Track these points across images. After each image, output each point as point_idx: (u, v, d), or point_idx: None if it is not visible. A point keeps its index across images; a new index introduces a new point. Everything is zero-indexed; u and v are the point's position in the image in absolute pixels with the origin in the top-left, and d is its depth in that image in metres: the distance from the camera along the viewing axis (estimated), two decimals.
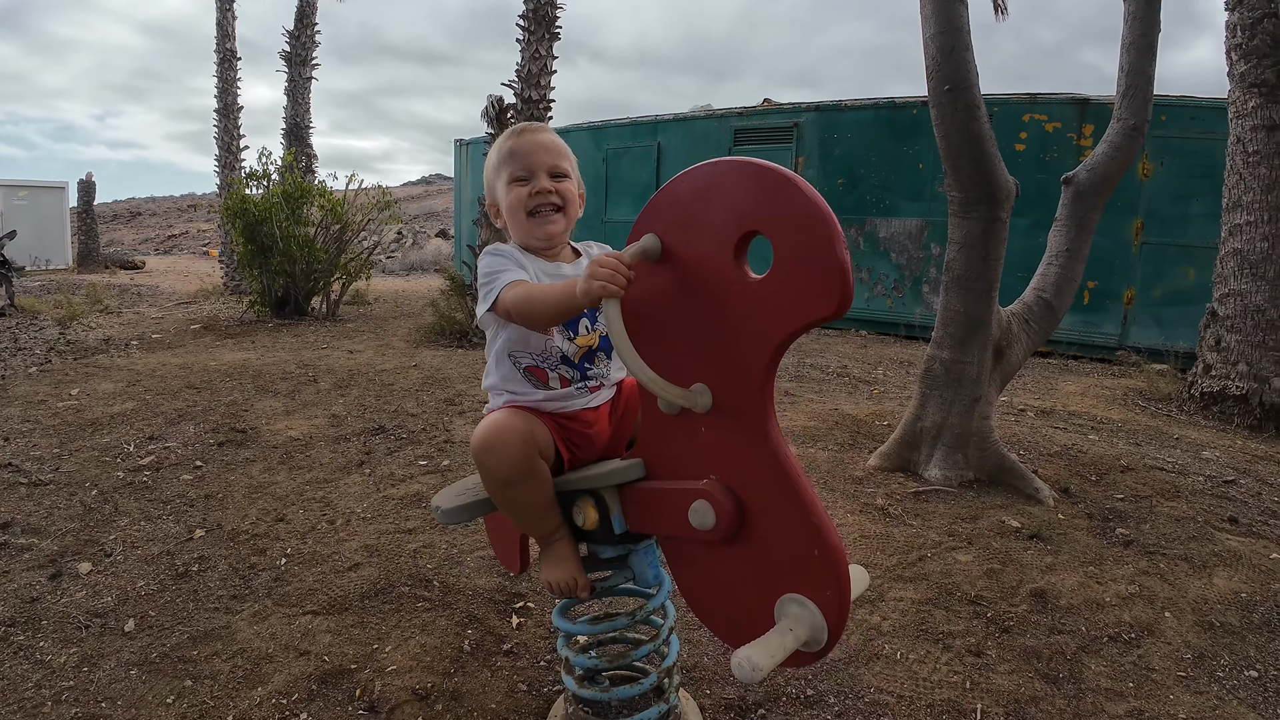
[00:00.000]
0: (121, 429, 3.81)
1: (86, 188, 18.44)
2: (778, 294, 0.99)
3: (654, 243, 1.12)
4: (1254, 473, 3.72)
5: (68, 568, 2.39)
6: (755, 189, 1.00)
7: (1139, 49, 3.41)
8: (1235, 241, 5.18)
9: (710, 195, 1.05)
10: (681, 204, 1.09)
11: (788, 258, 0.97)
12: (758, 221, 1.00)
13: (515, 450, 1.30)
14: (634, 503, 1.29)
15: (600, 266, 1.10)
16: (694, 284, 1.09)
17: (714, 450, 1.13)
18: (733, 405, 1.09)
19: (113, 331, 7.22)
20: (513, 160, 1.44)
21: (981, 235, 3.08)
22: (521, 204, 1.43)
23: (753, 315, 1.03)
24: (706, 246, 1.06)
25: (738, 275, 1.04)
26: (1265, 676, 2.01)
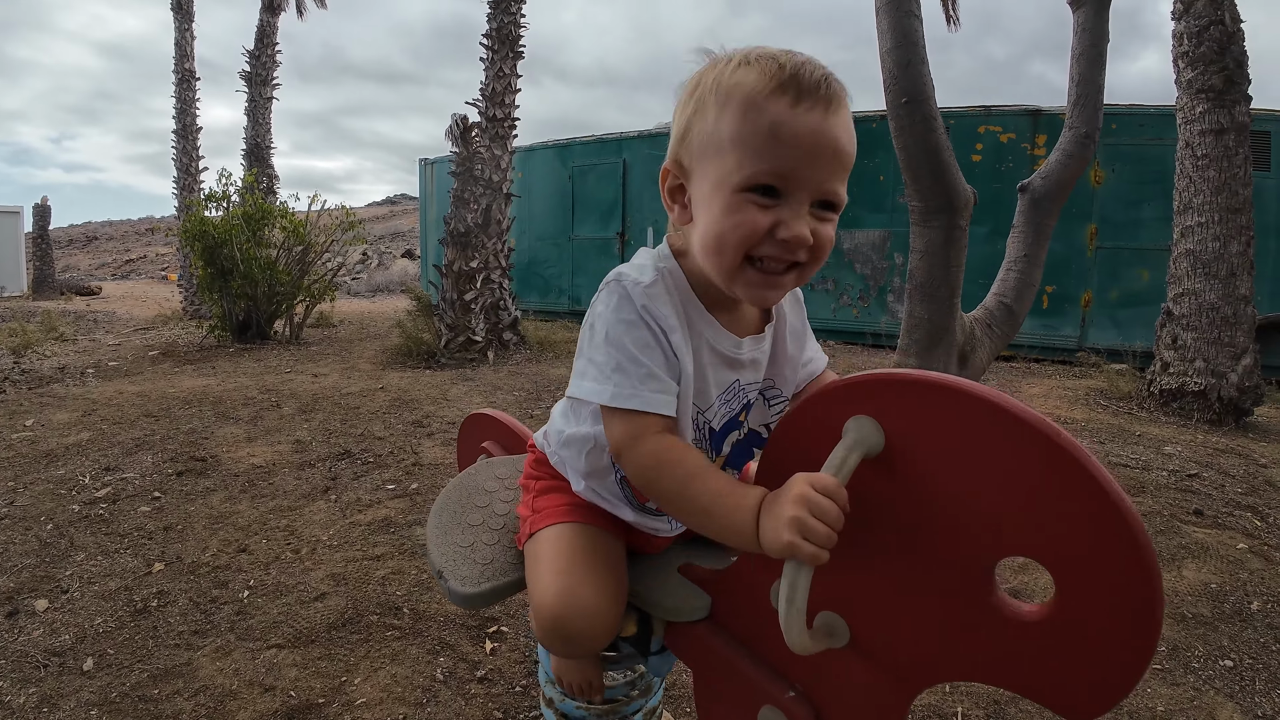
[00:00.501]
0: (77, 460, 3.69)
1: (42, 212, 18.01)
2: (1036, 656, 0.68)
3: (876, 438, 0.75)
4: (1216, 465, 3.81)
5: (24, 605, 2.30)
6: (1048, 492, 0.64)
7: (1088, 59, 3.51)
8: (1187, 242, 5.34)
9: (976, 454, 0.68)
10: (931, 422, 0.72)
11: (1076, 625, 0.65)
12: (1034, 548, 0.67)
13: (594, 644, 0.99)
14: (683, 639, 1.06)
15: (816, 511, 0.70)
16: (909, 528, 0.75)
17: (809, 661, 0.87)
18: (871, 653, 0.82)
19: (68, 360, 7.02)
20: (770, 148, 0.80)
21: (942, 243, 3.13)
22: (745, 238, 0.83)
23: (997, 647, 0.71)
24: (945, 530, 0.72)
25: (985, 599, 0.71)
26: (1240, 665, 2.04)
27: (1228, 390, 5.05)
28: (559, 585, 0.98)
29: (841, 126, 0.82)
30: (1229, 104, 5.19)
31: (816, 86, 0.80)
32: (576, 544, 1.03)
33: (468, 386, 5.65)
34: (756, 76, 0.80)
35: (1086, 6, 3.49)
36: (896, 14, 3.02)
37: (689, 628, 1.05)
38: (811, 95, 0.80)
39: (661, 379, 0.88)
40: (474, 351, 7.20)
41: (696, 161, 0.86)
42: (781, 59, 0.81)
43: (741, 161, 0.80)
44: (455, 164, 7.54)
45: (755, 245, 0.83)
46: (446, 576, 1.13)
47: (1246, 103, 5.25)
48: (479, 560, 1.17)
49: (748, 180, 0.80)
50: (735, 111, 0.81)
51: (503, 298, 7.69)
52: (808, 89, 0.79)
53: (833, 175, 0.83)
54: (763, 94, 0.79)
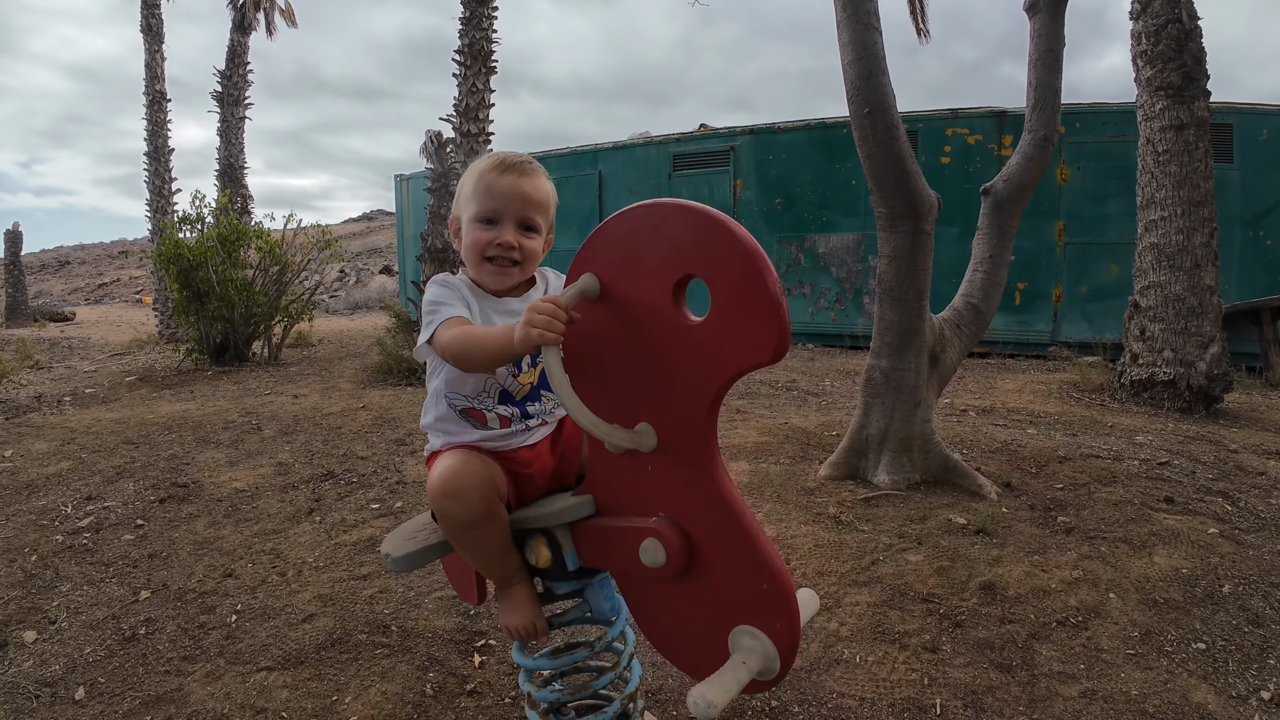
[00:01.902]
0: (58, 490, 3.66)
1: (13, 238, 17.78)
2: (716, 339, 0.99)
3: (593, 283, 1.10)
4: (1187, 453, 3.90)
5: (13, 637, 2.30)
6: (692, 232, 1.00)
7: (1045, 64, 3.60)
8: (1152, 236, 5.47)
9: (649, 236, 1.05)
10: (620, 244, 1.09)
11: (725, 303, 0.97)
12: (695, 265, 1.00)
13: (476, 495, 1.26)
14: (586, 540, 1.29)
15: (537, 313, 1.06)
16: (634, 325, 1.09)
17: (662, 488, 1.13)
18: (678, 444, 1.09)
19: (44, 388, 6.94)
20: (486, 198, 1.37)
21: (909, 248, 3.20)
22: (480, 248, 1.37)
23: (693, 358, 1.03)
24: (645, 288, 1.06)
25: (677, 317, 1.04)
26: (1213, 648, 2.10)
27: (1196, 379, 5.16)
28: (447, 467, 1.30)
29: (528, 183, 1.38)
30: (1188, 100, 5.32)
31: (516, 164, 1.39)
32: (455, 451, 1.36)
33: None
34: (486, 162, 1.40)
35: (1042, 12, 3.58)
36: (857, 27, 3.09)
37: (585, 529, 1.28)
38: (512, 168, 1.38)
39: (454, 305, 1.33)
40: None
41: (461, 210, 1.43)
42: (501, 153, 1.42)
43: (476, 205, 1.38)
44: (431, 180, 7.56)
45: (484, 250, 1.38)
46: (387, 550, 1.41)
47: (1206, 98, 5.39)
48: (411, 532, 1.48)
49: (478, 214, 1.38)
50: (471, 180, 1.40)
51: None
52: (509, 165, 1.38)
53: (527, 209, 1.38)
54: (485, 169, 1.38)
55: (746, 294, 0.94)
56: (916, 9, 11.61)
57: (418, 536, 1.44)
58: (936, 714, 1.83)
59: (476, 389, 1.40)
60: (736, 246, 0.95)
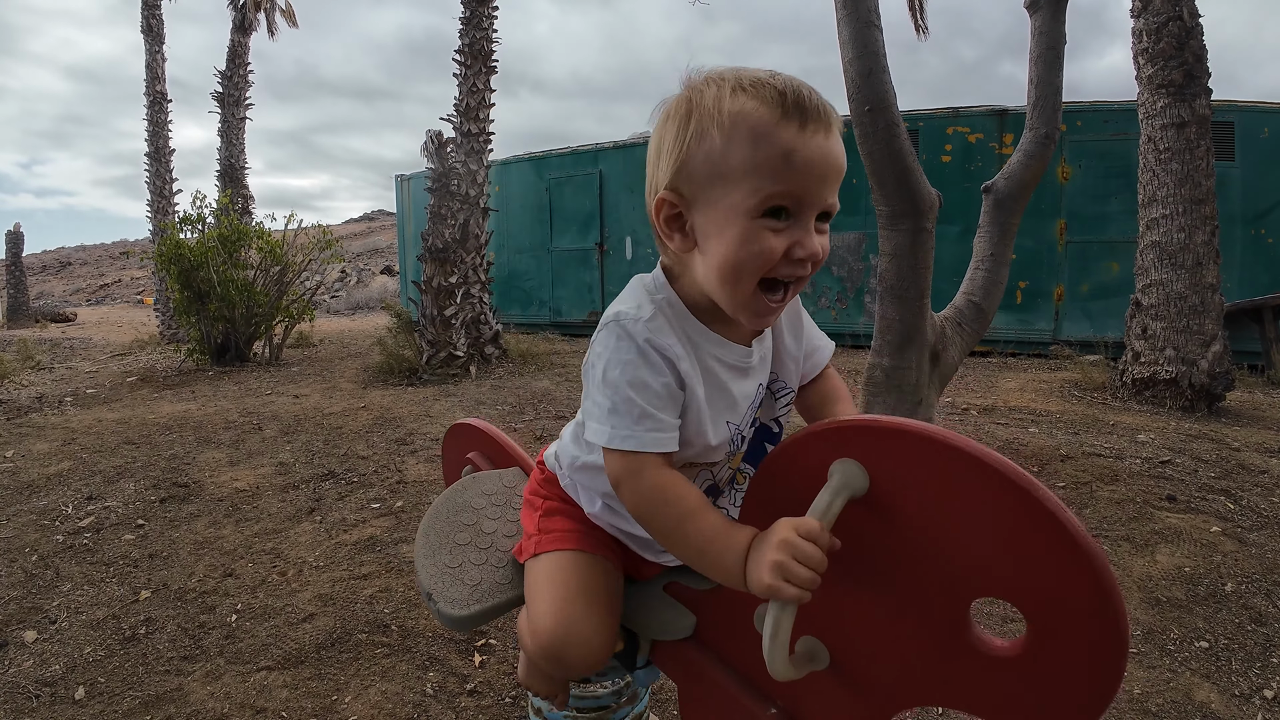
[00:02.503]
0: (59, 490, 3.67)
1: (14, 239, 17.80)
2: (1021, 683, 0.71)
3: (861, 480, 0.77)
4: (1189, 451, 3.89)
5: (13, 637, 2.31)
6: (1020, 537, 0.68)
7: (1046, 62, 3.59)
8: (1153, 234, 5.45)
9: (951, 503, 0.72)
10: (910, 472, 0.74)
11: (1045, 661, 0.69)
12: (1007, 589, 0.70)
13: (583, 668, 1.02)
14: (669, 656, 1.09)
15: (798, 555, 0.73)
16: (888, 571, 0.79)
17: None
18: (852, 680, 0.86)
19: (46, 388, 6.94)
20: (787, 171, 0.81)
21: (910, 246, 3.19)
22: (765, 266, 0.84)
23: (972, 680, 0.74)
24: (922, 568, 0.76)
25: (960, 633, 0.75)
26: (1216, 646, 2.10)
27: (1198, 377, 5.15)
28: (561, 613, 1.00)
29: (839, 145, 0.85)
30: (1189, 97, 5.31)
31: (818, 111, 0.82)
32: (580, 573, 1.05)
33: (451, 402, 5.65)
34: (760, 104, 0.81)
35: (1043, 10, 3.56)
36: (857, 24, 3.08)
37: (674, 645, 1.06)
38: (815, 120, 0.81)
39: (658, 418, 0.88)
40: (456, 367, 7.20)
41: (702, 189, 0.85)
42: (779, 85, 0.82)
43: (757, 187, 0.81)
44: (431, 180, 7.56)
45: (773, 269, 0.84)
46: (436, 599, 1.13)
47: (1207, 96, 5.38)
48: (468, 581, 1.17)
49: (763, 205, 0.81)
50: (745, 139, 0.81)
51: (483, 312, 7.70)
52: (812, 114, 0.81)
53: (834, 190, 0.86)
54: (772, 121, 0.80)
55: (1085, 649, 0.66)
56: (916, 6, 11.59)
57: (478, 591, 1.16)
58: (939, 713, 1.82)
59: None
60: (1105, 605, 0.64)
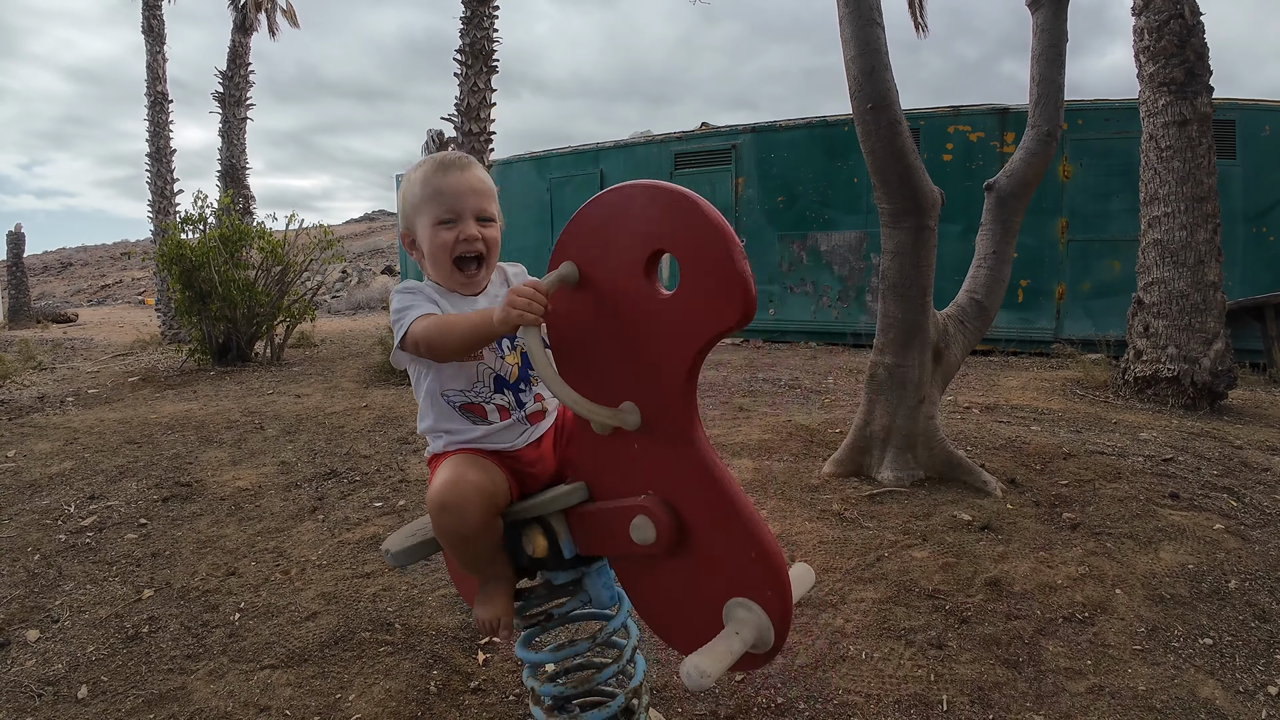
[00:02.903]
0: (61, 490, 3.67)
1: (15, 240, 17.82)
2: (687, 308, 1.03)
3: (571, 270, 1.14)
4: (1191, 449, 3.89)
5: (15, 636, 2.30)
6: (660, 210, 1.04)
7: (1048, 59, 3.59)
8: (1155, 233, 5.45)
9: (620, 219, 1.09)
10: (593, 229, 1.13)
11: (693, 273, 1.01)
12: (663, 240, 1.05)
13: (474, 510, 1.26)
14: (580, 526, 1.31)
15: (517, 295, 1.10)
16: (611, 305, 1.13)
17: (648, 466, 1.16)
18: (660, 420, 1.12)
19: (48, 389, 6.94)
20: (439, 201, 1.36)
21: (912, 244, 3.19)
22: (448, 249, 1.37)
23: (667, 330, 1.07)
24: (619, 268, 1.10)
25: (649, 293, 1.08)
26: (1220, 643, 2.09)
27: (1201, 375, 5.15)
28: (445, 478, 1.28)
29: (474, 175, 1.39)
30: (1191, 95, 5.30)
31: (455, 161, 1.39)
32: (458, 458, 1.35)
33: None
34: (425, 167, 1.39)
35: (1045, 7, 3.56)
36: (859, 22, 3.08)
37: (578, 516, 1.29)
38: (454, 167, 1.38)
39: (424, 304, 1.33)
40: None
41: (412, 220, 1.41)
42: (436, 156, 1.41)
43: (432, 210, 1.37)
44: None
45: (452, 251, 1.37)
46: (387, 546, 1.42)
47: (1208, 94, 5.37)
48: (411, 530, 1.49)
49: (435, 217, 1.37)
50: (419, 184, 1.39)
51: None
52: (450, 164, 1.39)
53: (480, 201, 1.38)
54: (430, 173, 1.38)
55: (713, 262, 0.99)
56: (915, 4, 11.59)
57: (417, 533, 1.45)
58: (943, 710, 1.82)
59: (471, 380, 1.39)
60: (702, 219, 0.99)
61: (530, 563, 1.40)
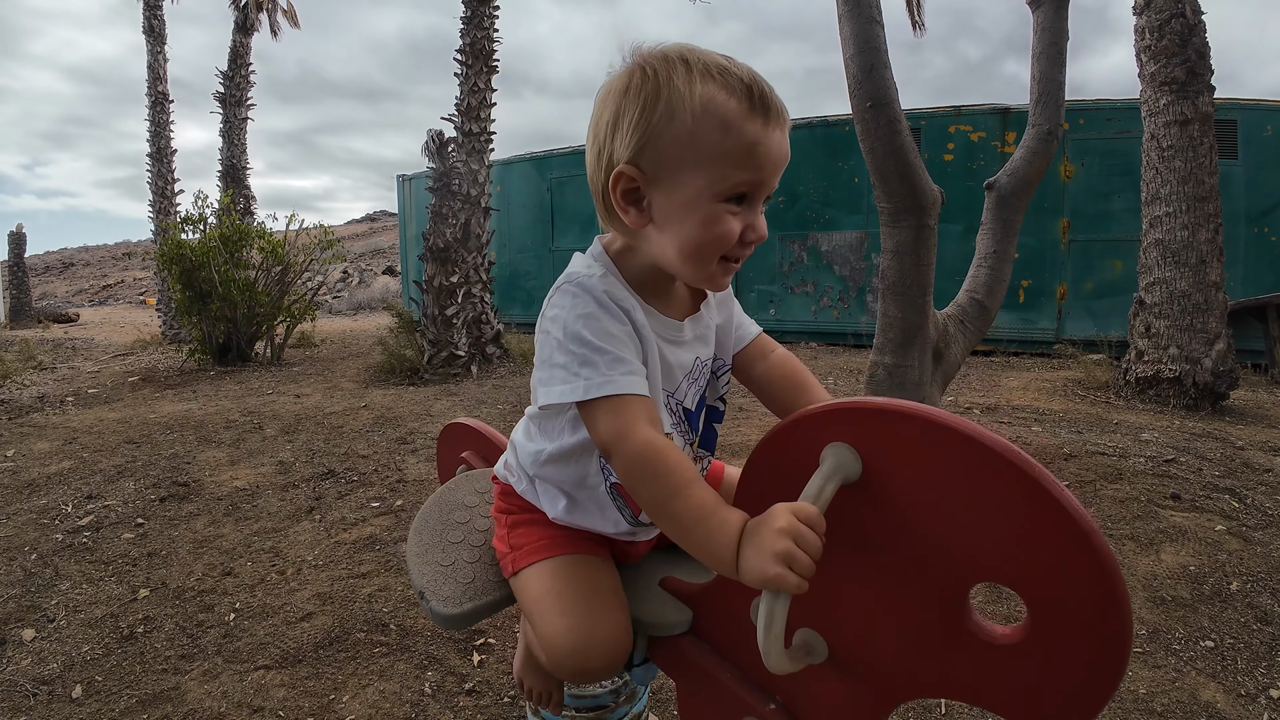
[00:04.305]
0: (59, 489, 3.66)
1: (17, 240, 17.86)
2: (1019, 673, 0.69)
3: (853, 461, 0.76)
4: (1193, 450, 3.87)
5: (11, 635, 2.29)
6: (1020, 520, 0.66)
7: (1049, 58, 3.58)
8: (1156, 232, 5.43)
9: (948, 490, 0.70)
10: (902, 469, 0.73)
11: (1043, 641, 0.67)
12: (1007, 574, 0.68)
13: (602, 672, 0.99)
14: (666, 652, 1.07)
15: (802, 545, 0.70)
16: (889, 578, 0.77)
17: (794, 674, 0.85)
18: (851, 671, 0.84)
19: (47, 388, 6.94)
20: (748, 163, 0.87)
21: (912, 243, 3.18)
22: (722, 244, 0.90)
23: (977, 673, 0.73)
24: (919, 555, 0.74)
25: (959, 621, 0.73)
26: (1221, 646, 2.07)
27: (1202, 375, 5.13)
28: (571, 625, 0.97)
29: (788, 142, 0.91)
30: (1192, 95, 5.29)
31: (778, 109, 0.88)
32: (574, 579, 1.03)
33: (451, 402, 5.64)
34: (729, 96, 0.86)
35: (1045, 6, 3.55)
36: (858, 21, 3.07)
37: (671, 641, 1.05)
38: (776, 117, 0.88)
39: (629, 361, 0.89)
40: (457, 366, 7.20)
41: (666, 170, 0.88)
42: (745, 77, 0.87)
43: (724, 174, 0.86)
44: (432, 180, 7.55)
45: (730, 246, 0.90)
46: (428, 597, 1.12)
47: (1210, 93, 5.35)
48: (460, 580, 1.16)
49: (730, 190, 0.87)
50: (715, 127, 0.85)
51: (485, 312, 7.69)
52: (774, 111, 0.87)
53: (779, 178, 0.92)
54: (740, 114, 0.85)
55: (1088, 647, 0.64)
56: (913, 2, 11.58)
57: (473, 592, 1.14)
58: (942, 713, 1.81)
59: None
60: (1107, 590, 0.63)
61: None
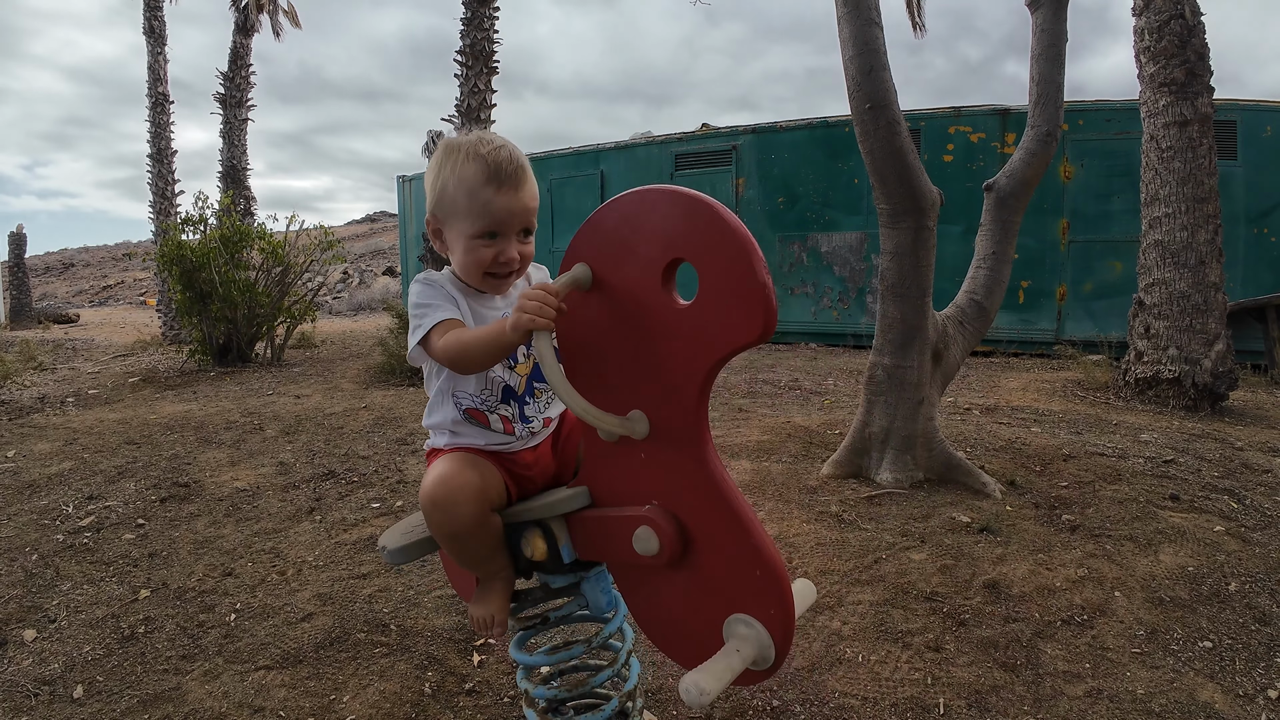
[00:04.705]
0: (60, 490, 3.66)
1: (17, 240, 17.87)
2: (705, 320, 1.00)
3: (584, 272, 1.11)
4: (1192, 450, 3.87)
5: (12, 635, 2.30)
6: (681, 217, 1.00)
7: (1048, 59, 3.58)
8: (1156, 233, 5.44)
9: (638, 223, 1.05)
10: (610, 232, 1.09)
11: (712, 284, 0.98)
12: (683, 249, 1.00)
13: (466, 508, 1.25)
14: (581, 531, 1.28)
15: (529, 299, 1.06)
16: (625, 312, 1.10)
17: (654, 476, 1.13)
18: (669, 430, 1.09)
19: (48, 389, 6.95)
20: (485, 216, 1.27)
21: (911, 244, 3.18)
22: (483, 265, 1.31)
23: (682, 341, 1.03)
24: (635, 274, 1.07)
25: (666, 302, 1.04)
26: (1219, 646, 2.08)
27: (1202, 376, 5.13)
28: (437, 473, 1.27)
29: (526, 193, 1.29)
30: (1191, 96, 5.30)
31: (511, 175, 1.27)
32: (452, 455, 1.35)
33: None
34: (477, 170, 1.26)
35: (1044, 7, 3.56)
36: (858, 22, 3.08)
37: (580, 521, 1.27)
38: (508, 181, 1.26)
39: (446, 307, 1.29)
40: None
41: (447, 218, 1.32)
42: (494, 157, 1.26)
43: (472, 222, 1.28)
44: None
45: (487, 267, 1.31)
46: (384, 543, 1.38)
47: (1209, 94, 5.36)
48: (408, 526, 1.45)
49: (479, 231, 1.29)
50: (465, 193, 1.27)
51: None
52: (506, 178, 1.26)
53: (526, 218, 1.30)
54: (479, 183, 1.26)
55: (734, 275, 0.95)
56: (913, 4, 11.59)
57: (414, 530, 1.43)
58: (940, 714, 1.81)
59: (480, 387, 1.38)
60: (725, 229, 0.96)
61: (528, 565, 1.39)
